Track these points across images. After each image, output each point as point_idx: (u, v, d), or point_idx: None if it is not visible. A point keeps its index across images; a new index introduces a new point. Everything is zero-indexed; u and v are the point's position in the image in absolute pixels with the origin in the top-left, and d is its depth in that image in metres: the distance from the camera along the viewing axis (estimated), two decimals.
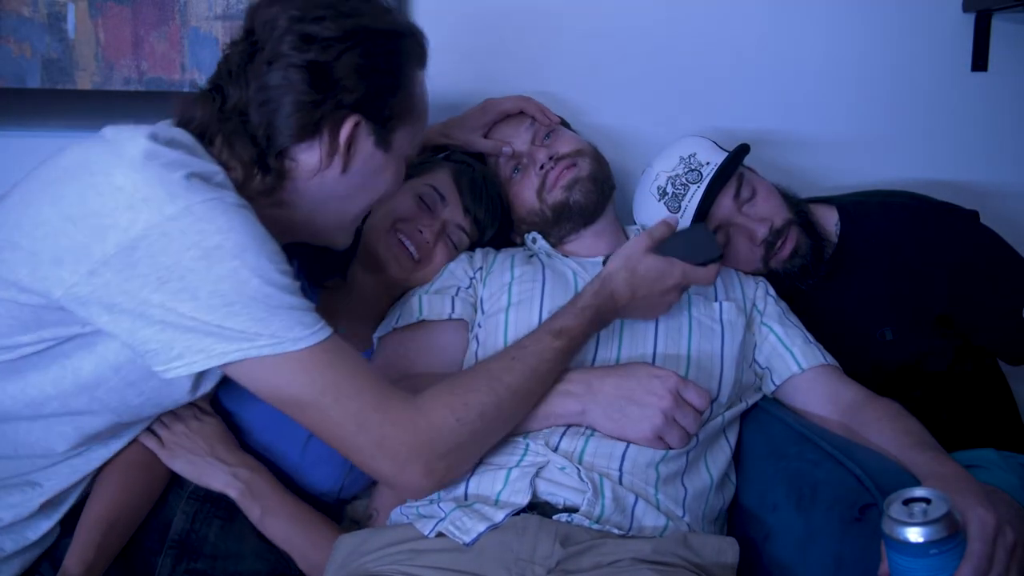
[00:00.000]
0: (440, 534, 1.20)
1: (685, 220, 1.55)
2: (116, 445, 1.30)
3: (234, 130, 1.16)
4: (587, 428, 1.29)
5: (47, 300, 1.06)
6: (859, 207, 1.68)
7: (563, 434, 1.29)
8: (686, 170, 1.57)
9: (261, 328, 1.05)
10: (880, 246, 1.62)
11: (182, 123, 1.18)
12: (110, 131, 1.11)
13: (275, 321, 1.06)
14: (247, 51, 1.17)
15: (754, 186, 1.59)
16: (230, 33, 1.74)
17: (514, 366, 1.23)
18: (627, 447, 1.28)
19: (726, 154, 1.58)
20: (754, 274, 1.58)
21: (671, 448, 1.27)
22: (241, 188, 1.15)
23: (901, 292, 1.61)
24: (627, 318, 1.38)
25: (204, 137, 1.16)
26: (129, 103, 1.73)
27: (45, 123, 1.72)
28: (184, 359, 1.06)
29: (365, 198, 1.27)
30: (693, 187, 1.55)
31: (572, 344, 1.28)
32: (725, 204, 1.56)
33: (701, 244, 1.37)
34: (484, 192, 1.54)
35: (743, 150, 1.60)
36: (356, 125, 1.19)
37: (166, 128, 1.15)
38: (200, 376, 1.19)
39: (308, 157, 1.19)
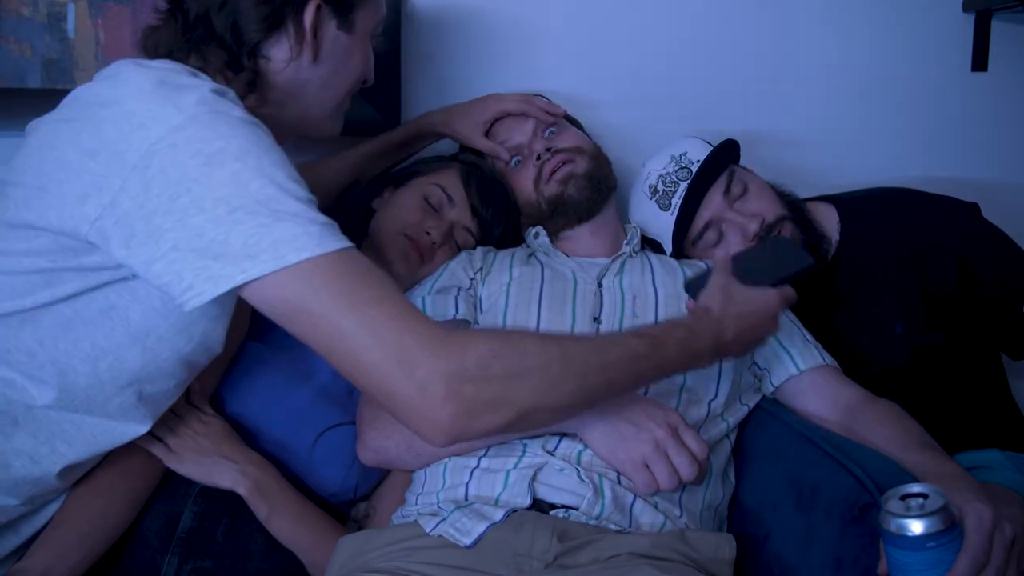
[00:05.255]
0: (440, 536, 1.20)
1: (675, 216, 1.57)
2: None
3: (201, 39, 1.17)
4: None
5: (78, 240, 1.05)
6: (858, 203, 1.69)
7: (560, 438, 1.28)
8: (676, 168, 1.58)
9: (263, 236, 0.99)
10: (884, 239, 1.63)
11: (147, 51, 1.19)
12: (111, 69, 1.11)
13: (278, 228, 0.99)
14: None
15: (745, 182, 1.60)
16: None
17: (580, 339, 1.20)
18: None
19: None
20: None
21: (658, 487, 1.22)
22: None
23: (908, 283, 1.61)
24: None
25: (174, 58, 1.16)
26: None
27: None
28: (195, 289, 1.01)
29: (341, 83, 1.28)
30: (683, 184, 1.57)
31: (655, 348, 1.14)
32: (715, 200, 1.57)
33: (786, 256, 1.35)
34: (492, 194, 1.55)
35: (729, 145, 1.61)
36: (318, 9, 1.20)
37: (148, 62, 1.13)
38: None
39: (278, 52, 1.20)
